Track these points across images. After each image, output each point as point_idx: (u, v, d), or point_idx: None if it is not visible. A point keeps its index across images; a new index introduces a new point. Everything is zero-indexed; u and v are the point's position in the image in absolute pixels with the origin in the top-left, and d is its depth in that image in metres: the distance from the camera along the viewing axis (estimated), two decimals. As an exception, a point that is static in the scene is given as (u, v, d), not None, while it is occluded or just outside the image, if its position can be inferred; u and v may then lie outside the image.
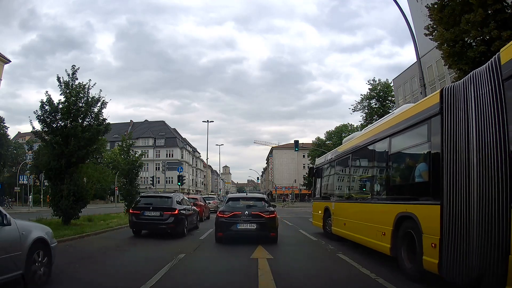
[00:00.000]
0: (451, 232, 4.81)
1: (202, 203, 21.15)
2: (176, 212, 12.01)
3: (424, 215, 5.59)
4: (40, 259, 5.40)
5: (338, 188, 11.84)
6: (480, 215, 4.35)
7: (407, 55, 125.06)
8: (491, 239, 4.14)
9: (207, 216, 21.71)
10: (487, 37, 12.73)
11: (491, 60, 4.64)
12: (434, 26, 15.21)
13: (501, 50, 4.55)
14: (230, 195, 15.02)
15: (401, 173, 7.23)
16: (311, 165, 14.81)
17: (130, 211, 13.17)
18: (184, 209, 12.88)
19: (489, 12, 12.79)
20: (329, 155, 13.07)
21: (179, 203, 12.90)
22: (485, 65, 4.77)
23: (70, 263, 7.23)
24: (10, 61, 30.18)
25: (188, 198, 17.31)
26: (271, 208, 10.97)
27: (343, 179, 11.56)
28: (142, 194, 16.14)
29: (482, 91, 4.65)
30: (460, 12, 13.46)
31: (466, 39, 13.62)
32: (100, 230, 13.32)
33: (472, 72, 5.07)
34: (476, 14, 12.51)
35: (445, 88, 5.45)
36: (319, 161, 14.86)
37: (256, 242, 10.17)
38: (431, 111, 5.69)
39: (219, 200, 31.34)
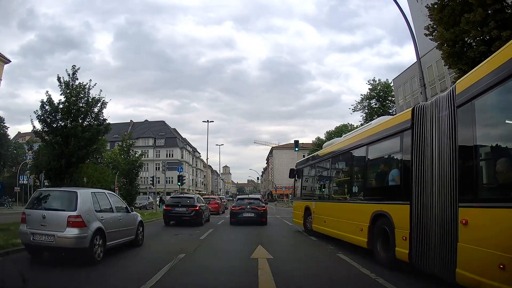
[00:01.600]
0: (418, 226, 5.83)
1: (219, 201, 28.84)
2: (197, 208, 16.48)
3: (396, 213, 6.61)
4: (141, 231, 9.99)
5: (319, 189, 12.78)
6: (439, 212, 5.35)
7: (406, 55, 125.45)
8: (446, 231, 5.10)
9: (222, 211, 28.13)
10: (487, 37, 12.71)
11: (450, 89, 5.54)
12: (434, 26, 15.18)
13: (457, 82, 5.50)
14: (238, 196, 22.86)
15: (377, 177, 8.32)
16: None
17: (164, 207, 17.74)
18: (201, 206, 17.41)
19: (489, 12, 12.79)
20: (310, 159, 14.19)
21: (198, 201, 17.50)
22: (446, 92, 5.71)
23: (70, 262, 7.24)
24: (10, 61, 30.17)
25: (208, 197, 25.41)
26: (263, 204, 18.45)
27: (323, 181, 12.47)
28: (172, 195, 22.64)
29: (442, 113, 5.59)
30: (460, 12, 13.44)
31: (466, 39, 13.60)
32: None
33: (436, 96, 6.07)
34: (476, 14, 12.48)
35: (416, 107, 6.42)
36: (299, 163, 15.72)
37: (256, 241, 10.22)
38: (404, 126, 6.70)
39: (221, 200, 31.54)
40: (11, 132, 65.90)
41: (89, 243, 7.11)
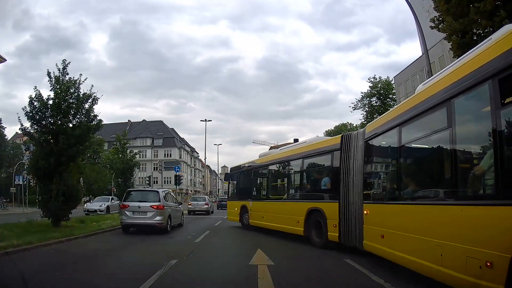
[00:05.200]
0: (343, 217, 8.54)
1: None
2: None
3: (328, 208, 9.17)
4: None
5: (257, 190, 15.14)
6: (355, 207, 8.16)
7: (404, 54, 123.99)
8: (358, 219, 7.86)
9: (212, 211, 29.35)
10: (498, 26, 12.06)
11: (364, 128, 8.48)
12: (440, 18, 14.57)
13: (366, 126, 8.47)
14: (193, 196, 28.32)
15: (311, 182, 10.96)
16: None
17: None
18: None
19: (498, 2, 12.20)
20: (246, 165, 16.17)
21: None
22: (361, 130, 8.69)
23: (51, 270, 6.57)
24: (6, 60, 29.50)
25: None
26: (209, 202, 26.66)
27: (262, 184, 14.99)
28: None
29: (358, 142, 8.40)
30: (467, 2, 12.84)
31: (475, 30, 12.98)
32: (90, 232, 12.59)
33: (356, 131, 9.12)
34: (486, 3, 11.88)
35: (344, 135, 9.31)
36: (234, 168, 18.02)
37: (255, 245, 9.53)
38: (335, 147, 9.29)
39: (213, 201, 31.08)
40: (9, 133, 65.18)
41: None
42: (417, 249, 5.08)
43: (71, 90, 13.98)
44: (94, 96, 14.25)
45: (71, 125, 13.89)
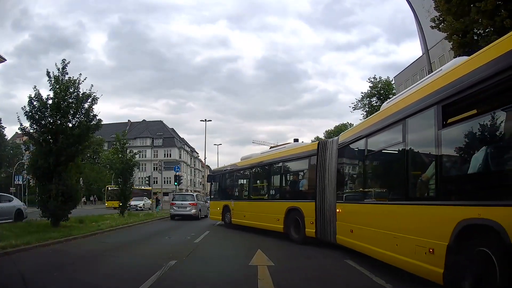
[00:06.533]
0: (319, 215, 9.48)
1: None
2: None
3: (306, 207, 10.04)
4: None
5: (239, 191, 16.16)
6: (329, 206, 9.09)
7: (403, 53, 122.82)
8: (332, 216, 8.85)
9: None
10: (499, 26, 12.01)
11: (338, 137, 9.58)
12: (441, 18, 14.51)
13: (340, 135, 9.67)
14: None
15: (291, 184, 11.96)
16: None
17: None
18: None
19: (499, 2, 12.14)
20: (228, 167, 17.29)
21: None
22: (336, 138, 9.75)
23: (49, 271, 6.52)
24: (6, 60, 29.41)
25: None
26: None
27: (244, 185, 15.92)
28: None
29: (333, 149, 9.31)
30: (468, 2, 12.78)
31: (476, 30, 12.93)
32: (89, 232, 12.52)
33: (331, 139, 10.03)
34: (487, 3, 11.83)
35: (320, 142, 10.43)
36: (216, 171, 19.97)
37: (255, 245, 9.48)
38: (312, 152, 10.32)
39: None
40: (9, 133, 65.07)
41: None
42: (379, 241, 6.13)
43: (71, 90, 13.91)
44: (94, 96, 14.22)
45: (70, 125, 13.83)
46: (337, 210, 8.50)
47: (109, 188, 40.56)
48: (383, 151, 6.78)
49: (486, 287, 3.78)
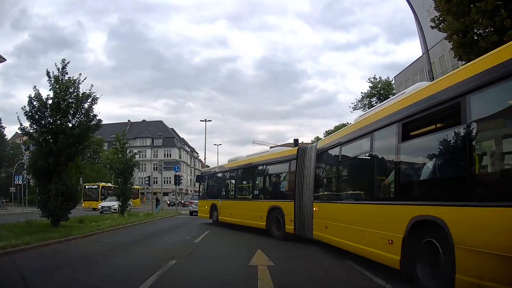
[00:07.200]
0: (298, 213, 10.34)
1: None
2: None
3: (286, 206, 10.88)
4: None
5: (226, 191, 17.15)
6: (307, 205, 9.94)
7: (403, 53, 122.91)
8: (309, 214, 9.68)
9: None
10: (499, 26, 12.01)
11: (316, 143, 10.63)
12: (441, 18, 14.51)
13: (318, 141, 11.00)
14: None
15: (273, 184, 13.06)
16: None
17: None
18: None
19: (499, 2, 12.15)
20: (216, 169, 18.79)
21: None
22: (314, 144, 10.77)
23: (49, 271, 6.53)
24: (6, 60, 29.39)
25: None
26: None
27: (230, 185, 16.91)
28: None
29: (311, 154, 10.18)
30: (468, 2, 12.78)
31: (476, 30, 12.92)
32: (89, 232, 12.53)
33: (310, 145, 10.97)
34: (487, 3, 11.82)
35: (299, 148, 11.34)
36: (205, 171, 21.21)
37: (255, 245, 9.47)
38: (292, 157, 11.25)
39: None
40: (9, 133, 65.03)
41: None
42: (349, 235, 7.14)
43: (71, 90, 13.92)
44: (94, 95, 14.22)
45: (70, 125, 13.83)
46: (314, 209, 9.39)
47: (87, 187, 38.50)
48: (354, 158, 7.89)
49: (433, 270, 4.64)
